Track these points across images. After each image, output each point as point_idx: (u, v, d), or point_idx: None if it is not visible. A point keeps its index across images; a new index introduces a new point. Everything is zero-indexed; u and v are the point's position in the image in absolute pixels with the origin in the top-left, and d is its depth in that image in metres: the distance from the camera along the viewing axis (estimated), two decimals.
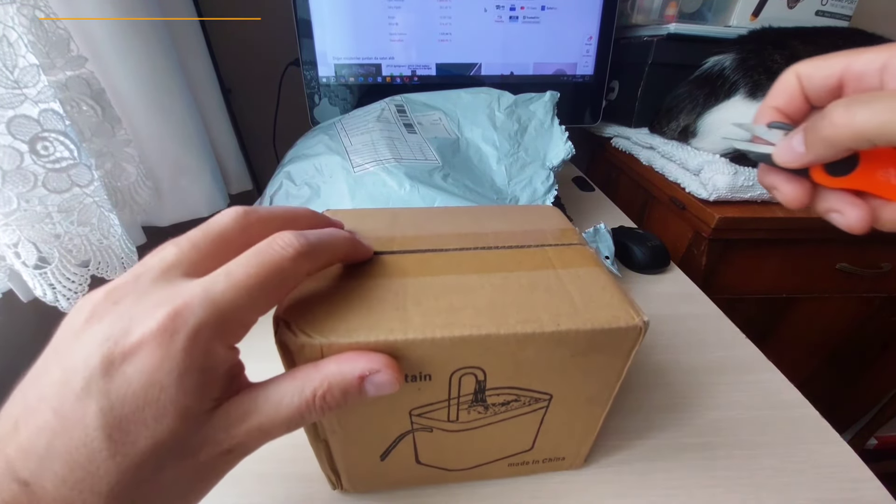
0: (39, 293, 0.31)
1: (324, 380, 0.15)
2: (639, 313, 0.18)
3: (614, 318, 0.18)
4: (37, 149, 0.29)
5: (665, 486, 0.26)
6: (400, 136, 0.45)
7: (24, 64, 0.28)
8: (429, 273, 0.20)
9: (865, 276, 0.62)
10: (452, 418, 0.20)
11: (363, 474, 0.23)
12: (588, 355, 0.19)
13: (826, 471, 0.27)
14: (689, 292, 0.44)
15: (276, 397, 0.14)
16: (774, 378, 0.34)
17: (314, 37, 0.57)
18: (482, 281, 0.19)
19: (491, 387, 0.19)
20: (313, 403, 0.14)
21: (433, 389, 0.18)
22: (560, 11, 0.61)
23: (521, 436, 0.23)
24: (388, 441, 0.21)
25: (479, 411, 0.20)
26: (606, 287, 0.20)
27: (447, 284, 0.19)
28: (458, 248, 0.22)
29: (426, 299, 0.18)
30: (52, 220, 0.31)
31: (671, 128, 0.62)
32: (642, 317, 0.18)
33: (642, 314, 0.19)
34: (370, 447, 0.21)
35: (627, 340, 0.19)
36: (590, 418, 0.23)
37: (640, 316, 0.18)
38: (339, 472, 0.23)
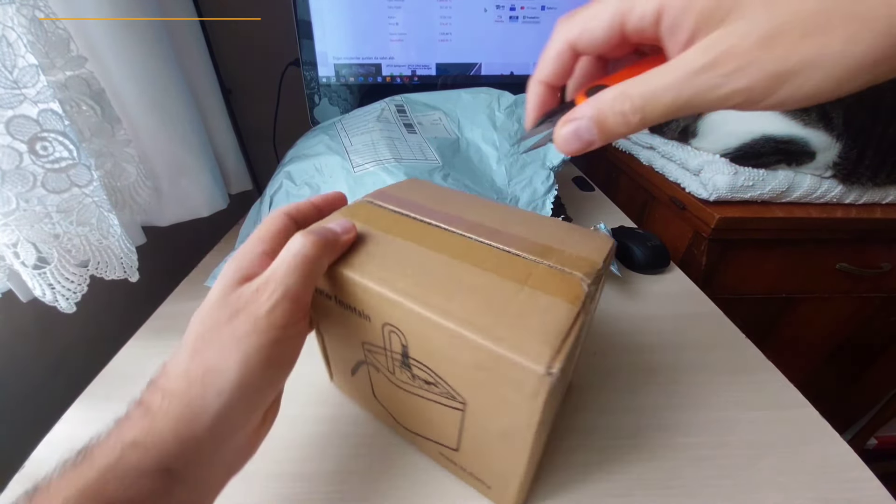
0: (39, 293, 0.31)
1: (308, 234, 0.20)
2: (548, 362, 0.16)
3: (518, 350, 0.16)
4: (36, 149, 0.29)
5: (665, 486, 0.26)
6: (400, 136, 0.45)
7: (24, 64, 0.28)
8: (420, 241, 0.23)
9: (865, 276, 0.62)
10: (390, 369, 0.23)
11: (342, 379, 0.30)
12: (492, 376, 0.18)
13: (826, 471, 0.27)
14: (689, 292, 0.44)
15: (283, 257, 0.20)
16: (774, 378, 0.34)
17: (314, 37, 0.57)
18: (451, 265, 0.21)
19: (413, 357, 0.21)
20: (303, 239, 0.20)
21: (372, 331, 0.22)
22: (560, 11, 0.61)
23: (446, 427, 0.23)
24: (352, 361, 0.26)
25: (408, 376, 0.22)
26: (550, 323, 0.17)
27: (423, 255, 0.21)
28: (461, 233, 0.23)
29: (395, 258, 0.21)
30: (52, 220, 0.31)
31: (671, 128, 0.62)
32: (550, 368, 0.16)
33: (555, 365, 0.16)
34: (343, 359, 0.27)
35: (527, 381, 0.16)
36: (508, 456, 0.21)
37: (547, 365, 0.16)
38: (330, 367, 0.30)
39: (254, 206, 0.48)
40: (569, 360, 0.17)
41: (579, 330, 0.18)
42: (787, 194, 0.55)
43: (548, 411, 0.18)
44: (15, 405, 0.38)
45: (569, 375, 0.21)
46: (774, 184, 0.54)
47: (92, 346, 0.46)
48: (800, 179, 0.54)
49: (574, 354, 0.20)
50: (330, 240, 0.21)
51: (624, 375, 0.33)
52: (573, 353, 0.18)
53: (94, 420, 0.29)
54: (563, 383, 0.20)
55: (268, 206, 0.43)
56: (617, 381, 0.33)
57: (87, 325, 0.45)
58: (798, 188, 0.54)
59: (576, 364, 0.23)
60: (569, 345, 0.17)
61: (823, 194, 0.55)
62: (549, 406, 0.18)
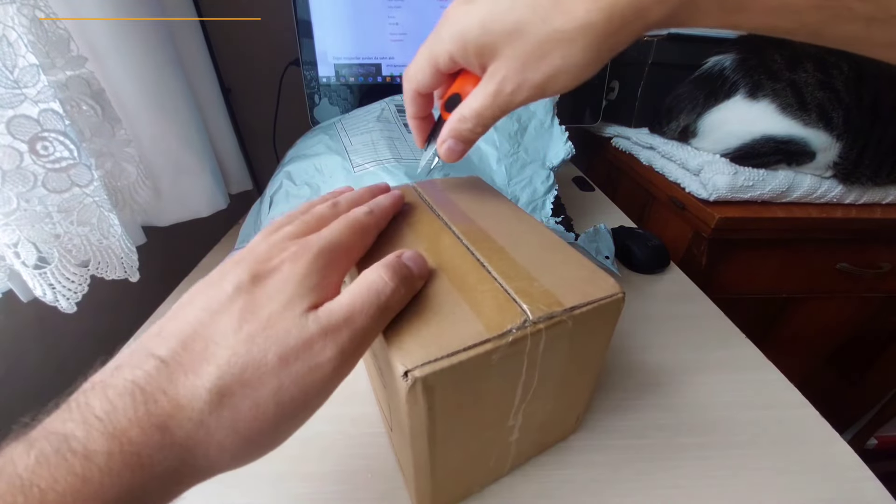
0: (39, 293, 0.31)
1: (381, 263, 0.18)
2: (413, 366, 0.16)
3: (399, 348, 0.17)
4: (36, 149, 0.29)
5: (665, 485, 0.26)
6: (400, 136, 0.45)
7: (24, 64, 0.28)
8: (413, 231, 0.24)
9: (865, 276, 0.62)
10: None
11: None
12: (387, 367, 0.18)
13: (826, 471, 0.27)
14: (689, 292, 0.44)
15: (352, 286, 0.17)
16: (774, 378, 0.34)
17: (314, 37, 0.57)
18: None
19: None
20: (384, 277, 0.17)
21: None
22: None
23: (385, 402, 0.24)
24: None
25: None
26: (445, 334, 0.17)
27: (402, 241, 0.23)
28: (456, 233, 0.24)
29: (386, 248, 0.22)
30: (52, 220, 0.31)
31: (671, 128, 0.62)
32: (410, 369, 0.16)
33: (416, 372, 0.16)
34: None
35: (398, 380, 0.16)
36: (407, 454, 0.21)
37: (410, 367, 0.16)
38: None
39: (254, 206, 0.48)
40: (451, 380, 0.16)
41: (483, 356, 0.17)
42: (787, 194, 0.55)
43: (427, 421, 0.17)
44: (15, 405, 0.38)
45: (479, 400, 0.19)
46: (774, 184, 0.54)
47: (92, 346, 0.46)
48: (800, 179, 0.54)
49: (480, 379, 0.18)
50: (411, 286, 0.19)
51: (623, 375, 0.33)
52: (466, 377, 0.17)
53: None
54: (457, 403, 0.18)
55: (268, 206, 0.43)
56: (616, 381, 0.33)
57: (87, 325, 0.45)
58: (798, 188, 0.54)
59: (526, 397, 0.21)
60: (451, 363, 0.16)
61: (823, 194, 0.55)
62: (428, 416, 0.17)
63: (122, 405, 0.13)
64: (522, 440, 0.24)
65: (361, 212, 0.21)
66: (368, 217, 0.21)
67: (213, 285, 0.16)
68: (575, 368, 0.22)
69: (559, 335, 0.19)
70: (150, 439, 0.13)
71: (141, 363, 0.14)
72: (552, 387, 0.22)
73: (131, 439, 0.13)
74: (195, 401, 0.14)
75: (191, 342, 0.14)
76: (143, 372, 0.14)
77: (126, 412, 0.13)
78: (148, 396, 0.13)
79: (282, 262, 0.17)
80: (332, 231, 0.19)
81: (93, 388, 0.13)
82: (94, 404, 0.13)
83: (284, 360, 0.15)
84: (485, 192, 0.29)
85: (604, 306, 0.20)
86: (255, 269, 0.17)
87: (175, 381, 0.14)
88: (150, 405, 0.13)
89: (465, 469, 0.23)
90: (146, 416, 0.13)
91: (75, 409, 0.13)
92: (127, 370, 0.14)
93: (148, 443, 0.13)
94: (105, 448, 0.12)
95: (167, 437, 0.13)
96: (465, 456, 0.22)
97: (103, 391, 0.13)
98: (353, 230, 0.20)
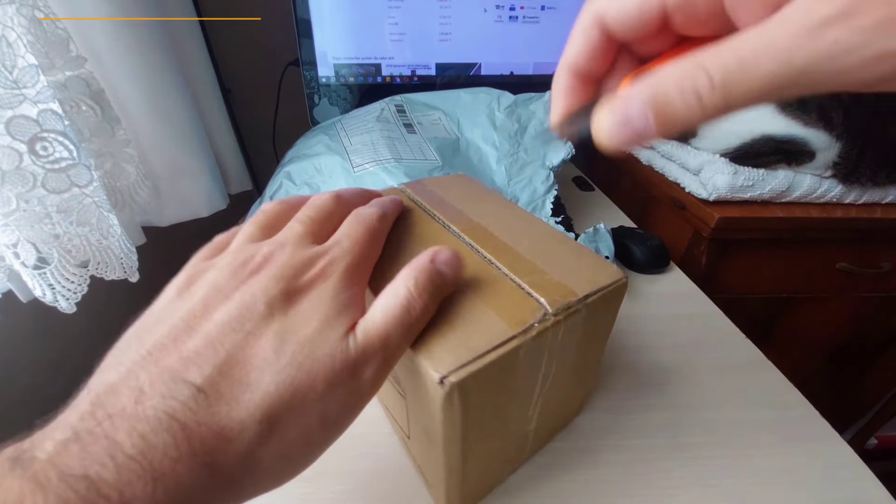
0: (39, 293, 0.31)
1: (410, 273, 0.17)
2: (449, 372, 0.16)
3: (428, 353, 0.17)
4: (36, 149, 0.29)
5: (665, 486, 0.26)
6: (400, 136, 0.45)
7: (24, 64, 0.28)
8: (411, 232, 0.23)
9: (865, 276, 0.62)
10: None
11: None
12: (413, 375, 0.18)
13: (826, 471, 0.27)
14: (689, 292, 0.44)
15: (382, 301, 0.17)
16: (774, 378, 0.34)
17: (314, 37, 0.57)
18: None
19: None
20: (413, 293, 0.16)
21: None
22: (560, 11, 0.61)
23: (400, 412, 0.23)
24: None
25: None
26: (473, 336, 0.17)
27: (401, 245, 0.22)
28: (457, 232, 0.23)
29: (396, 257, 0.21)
30: (52, 221, 0.31)
31: None
32: (445, 375, 0.16)
33: (451, 377, 0.16)
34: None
35: (431, 386, 0.16)
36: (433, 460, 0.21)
37: (445, 373, 0.16)
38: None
39: (254, 207, 0.48)
40: (486, 380, 0.17)
41: (509, 353, 0.17)
42: (787, 194, 0.55)
43: (456, 424, 0.17)
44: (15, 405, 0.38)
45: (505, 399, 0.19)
46: (774, 184, 0.54)
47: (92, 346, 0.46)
48: (800, 179, 0.54)
49: (507, 377, 0.18)
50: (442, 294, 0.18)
51: (623, 375, 0.33)
52: (497, 374, 0.17)
53: None
54: (489, 403, 0.19)
55: None
56: (616, 382, 0.33)
57: (87, 325, 0.45)
58: (798, 188, 0.54)
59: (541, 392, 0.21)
60: (484, 363, 0.16)
61: (823, 194, 0.55)
62: (461, 421, 0.17)
63: (162, 443, 0.11)
64: (539, 427, 0.24)
65: (374, 216, 0.20)
66: (382, 222, 0.20)
67: (231, 299, 0.15)
68: (584, 353, 0.23)
69: (574, 324, 0.19)
70: (199, 481, 0.11)
71: (173, 392, 0.12)
72: (566, 373, 0.22)
73: (178, 482, 0.11)
74: (245, 433, 0.12)
75: (227, 368, 0.13)
76: (180, 403, 0.12)
77: (167, 451, 0.11)
78: (191, 432, 0.12)
79: (314, 279, 0.16)
80: (353, 242, 0.18)
81: (110, 419, 0.11)
82: (122, 440, 0.11)
83: (331, 386, 0.14)
84: (475, 189, 0.29)
85: (611, 292, 0.21)
86: (287, 287, 0.15)
87: (217, 412, 0.12)
88: (193, 442, 0.12)
89: (491, 465, 0.23)
90: (190, 454, 0.11)
91: (92, 443, 0.11)
92: (157, 399, 0.12)
93: (197, 484, 0.11)
94: (148, 493, 0.11)
95: (217, 474, 0.12)
96: (492, 452, 0.22)
97: (130, 425, 0.11)
98: (372, 238, 0.19)
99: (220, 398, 0.12)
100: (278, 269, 0.16)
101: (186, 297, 0.15)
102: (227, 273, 0.16)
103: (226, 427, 0.12)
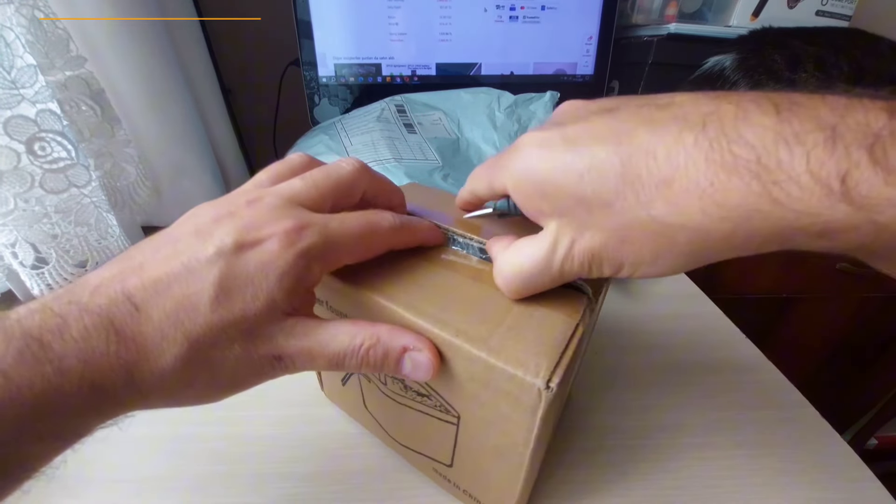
0: (37, 293, 0.31)
1: (374, 335, 0.17)
2: (546, 376, 0.15)
3: (515, 362, 0.16)
4: (34, 149, 0.29)
5: (665, 486, 0.26)
6: (400, 136, 0.45)
7: (22, 64, 0.28)
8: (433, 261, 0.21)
9: (865, 276, 0.62)
10: (382, 380, 0.22)
11: (333, 389, 0.29)
12: (487, 390, 0.17)
13: (826, 471, 0.27)
14: (689, 292, 0.44)
15: (332, 332, 0.17)
16: (774, 378, 0.34)
17: (314, 37, 0.57)
18: (444, 275, 0.20)
19: None
20: (357, 351, 0.17)
21: None
22: (560, 11, 0.61)
23: (439, 442, 0.22)
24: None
25: (401, 387, 0.21)
26: (547, 335, 0.17)
27: (414, 263, 0.21)
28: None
29: (388, 265, 0.20)
30: (50, 221, 0.31)
31: None
32: (546, 380, 0.15)
33: (550, 378, 0.15)
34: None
35: (524, 395, 0.16)
36: (503, 475, 0.20)
37: (545, 378, 0.15)
38: (321, 376, 0.29)
39: None
40: (568, 374, 0.17)
41: (578, 343, 0.17)
42: None
43: (545, 427, 0.17)
44: None
45: (567, 388, 0.20)
46: None
47: None
48: None
49: (574, 368, 0.19)
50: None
51: (624, 376, 0.33)
52: (572, 366, 0.17)
53: None
54: (561, 398, 0.19)
55: None
56: (617, 382, 0.33)
57: None
58: None
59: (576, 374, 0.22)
60: (567, 358, 0.16)
61: None
62: (547, 421, 0.17)
63: (97, 338, 0.14)
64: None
65: (385, 223, 0.19)
66: (392, 233, 0.19)
67: (200, 235, 0.16)
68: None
69: (601, 297, 0.20)
70: (118, 378, 0.14)
71: (118, 302, 0.14)
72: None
73: (102, 372, 0.14)
74: (159, 360, 0.14)
75: (164, 297, 0.15)
76: (120, 312, 0.14)
77: (99, 347, 0.14)
78: (120, 338, 0.14)
79: (269, 237, 0.16)
80: (341, 231, 0.17)
81: (69, 305, 0.14)
82: (70, 324, 0.13)
83: (248, 354, 0.16)
84: (439, 194, 0.28)
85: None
86: (240, 237, 0.15)
87: (144, 332, 0.14)
88: (120, 347, 0.14)
89: (535, 471, 0.22)
90: (116, 355, 0.14)
91: (51, 319, 0.13)
92: (104, 300, 0.14)
93: (116, 379, 0.14)
94: (78, 371, 0.13)
95: (131, 381, 0.14)
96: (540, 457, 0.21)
97: (80, 315, 0.14)
98: (367, 240, 0.18)
99: (149, 321, 0.14)
100: (246, 219, 0.16)
101: (180, 222, 0.17)
102: (211, 214, 0.17)
103: (146, 347, 0.14)
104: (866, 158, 0.10)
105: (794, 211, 0.11)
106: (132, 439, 0.27)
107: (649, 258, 0.14)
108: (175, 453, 0.27)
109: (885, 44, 0.50)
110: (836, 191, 0.11)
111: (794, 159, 0.11)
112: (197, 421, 0.28)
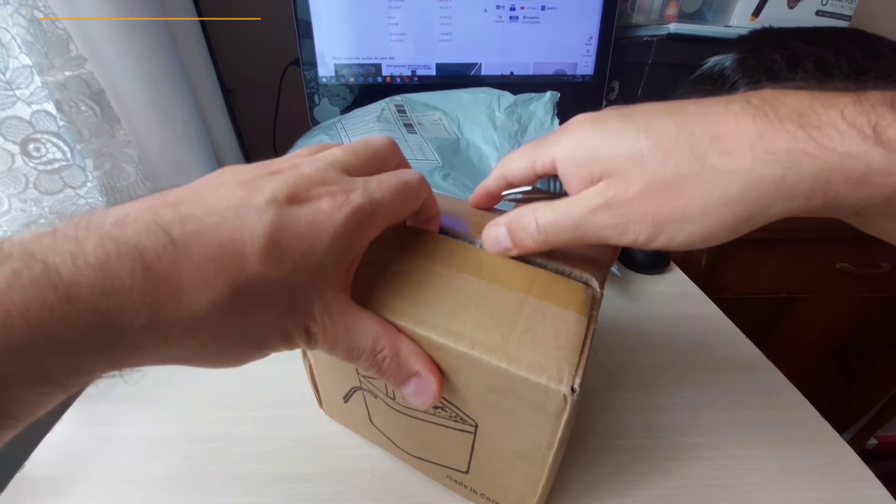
0: None
1: (395, 348, 0.16)
2: (569, 380, 0.15)
3: (537, 369, 0.15)
4: (28, 150, 0.29)
5: (665, 486, 0.26)
6: (400, 136, 0.45)
7: (17, 65, 0.28)
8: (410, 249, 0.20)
9: (865, 276, 0.62)
10: (390, 395, 0.21)
11: (334, 406, 0.27)
12: (508, 399, 0.17)
13: (826, 471, 0.27)
14: (689, 292, 0.44)
15: (361, 324, 0.16)
16: (774, 378, 0.33)
17: (314, 37, 0.57)
18: (448, 276, 0.19)
19: None
20: (374, 355, 0.16)
21: None
22: (560, 11, 0.61)
23: (454, 451, 0.22)
24: (345, 387, 0.24)
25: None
26: (563, 337, 0.17)
27: (416, 265, 0.19)
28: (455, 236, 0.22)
29: (391, 274, 0.19)
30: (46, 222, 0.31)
31: None
32: (571, 384, 0.15)
33: (573, 382, 0.15)
34: (335, 385, 0.25)
35: (549, 402, 0.16)
36: (524, 477, 0.20)
37: (569, 383, 0.15)
38: (319, 393, 0.27)
39: None
40: (586, 373, 0.17)
41: (591, 340, 0.17)
42: None
43: (568, 428, 0.17)
44: None
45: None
46: None
47: None
48: None
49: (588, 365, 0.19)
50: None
51: (624, 375, 0.33)
52: (587, 365, 0.17)
53: (94, 421, 0.29)
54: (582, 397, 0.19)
55: None
56: (617, 382, 0.33)
57: None
58: None
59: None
60: (585, 357, 0.16)
61: None
62: (570, 423, 0.17)
63: (119, 267, 0.11)
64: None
65: (415, 182, 0.19)
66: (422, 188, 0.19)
67: (247, 185, 0.15)
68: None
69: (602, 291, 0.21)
70: (138, 318, 0.12)
71: (150, 233, 0.12)
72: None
73: (120, 307, 0.11)
74: (196, 304, 0.13)
75: (208, 236, 0.13)
76: (151, 244, 0.12)
77: (122, 278, 0.11)
78: (149, 274, 0.12)
79: (320, 196, 0.15)
80: (383, 190, 0.17)
81: (87, 228, 0.12)
82: (87, 250, 0.11)
83: (283, 318, 0.15)
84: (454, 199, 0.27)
85: (616, 252, 0.23)
86: (292, 192, 0.15)
87: (180, 271, 0.12)
88: (147, 284, 0.12)
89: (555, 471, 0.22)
90: (140, 294, 0.12)
91: (63, 242, 0.11)
92: (132, 231, 0.12)
93: (135, 319, 0.12)
94: (90, 302, 0.11)
95: (155, 324, 0.12)
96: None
97: (101, 239, 0.12)
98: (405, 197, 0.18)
99: (187, 259, 0.12)
100: (294, 177, 0.15)
101: (212, 176, 0.16)
102: (254, 171, 0.16)
103: (180, 287, 0.12)
104: (890, 113, 0.13)
105: (836, 153, 0.13)
106: (133, 440, 0.27)
107: (698, 212, 0.15)
108: (175, 453, 0.27)
109: (884, 44, 0.50)
110: (870, 135, 0.13)
111: (830, 114, 0.13)
112: (197, 421, 0.28)
